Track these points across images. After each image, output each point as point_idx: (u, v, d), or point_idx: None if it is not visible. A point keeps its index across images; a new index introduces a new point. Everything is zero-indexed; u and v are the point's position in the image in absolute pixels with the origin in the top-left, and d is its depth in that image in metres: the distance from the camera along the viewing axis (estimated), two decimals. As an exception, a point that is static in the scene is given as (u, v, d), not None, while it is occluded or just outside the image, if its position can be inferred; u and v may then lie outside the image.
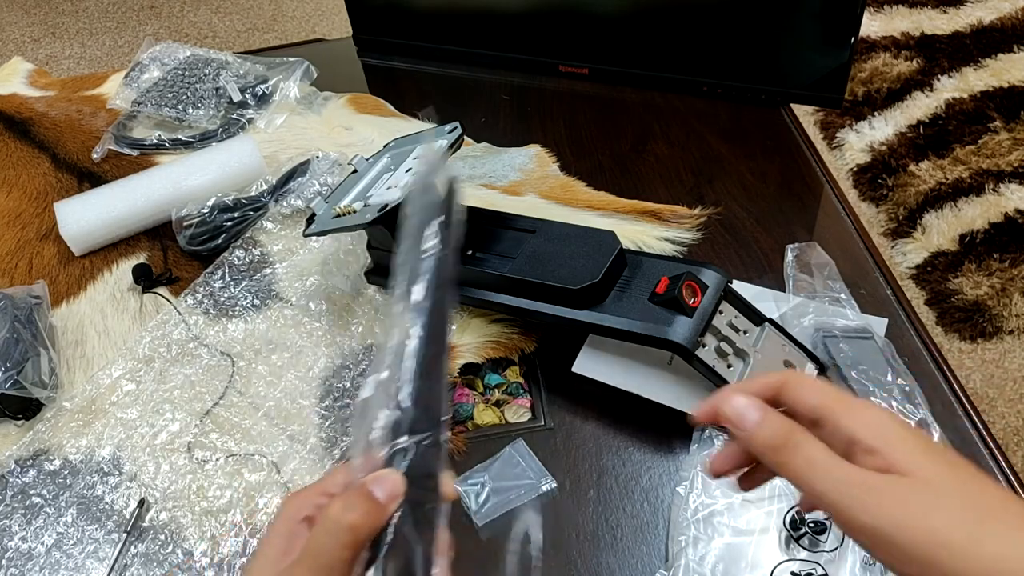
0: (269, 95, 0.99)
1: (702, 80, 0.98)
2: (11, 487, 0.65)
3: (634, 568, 0.58)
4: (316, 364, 0.71)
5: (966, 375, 1.46)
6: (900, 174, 1.76)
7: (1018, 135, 1.79)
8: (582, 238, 0.67)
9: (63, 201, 0.84)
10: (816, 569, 0.55)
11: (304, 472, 0.64)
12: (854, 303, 0.71)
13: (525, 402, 0.68)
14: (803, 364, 0.64)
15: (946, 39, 2.05)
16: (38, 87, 1.08)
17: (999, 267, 1.57)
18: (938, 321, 1.53)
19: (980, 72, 1.95)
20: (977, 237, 1.62)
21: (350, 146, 0.93)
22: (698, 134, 0.94)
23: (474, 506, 0.61)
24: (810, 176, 0.88)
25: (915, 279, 1.60)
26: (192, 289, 0.78)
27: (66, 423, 0.69)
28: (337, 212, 0.70)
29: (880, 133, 1.86)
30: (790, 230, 0.81)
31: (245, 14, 2.57)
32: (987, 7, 2.12)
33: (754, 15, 0.91)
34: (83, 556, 0.61)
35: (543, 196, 0.85)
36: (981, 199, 1.68)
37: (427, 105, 1.00)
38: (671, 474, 0.62)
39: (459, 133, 0.71)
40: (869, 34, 2.08)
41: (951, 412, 0.65)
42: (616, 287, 0.64)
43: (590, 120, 0.98)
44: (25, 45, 2.52)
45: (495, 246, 0.70)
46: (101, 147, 0.94)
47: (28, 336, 0.69)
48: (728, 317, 0.63)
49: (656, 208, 0.82)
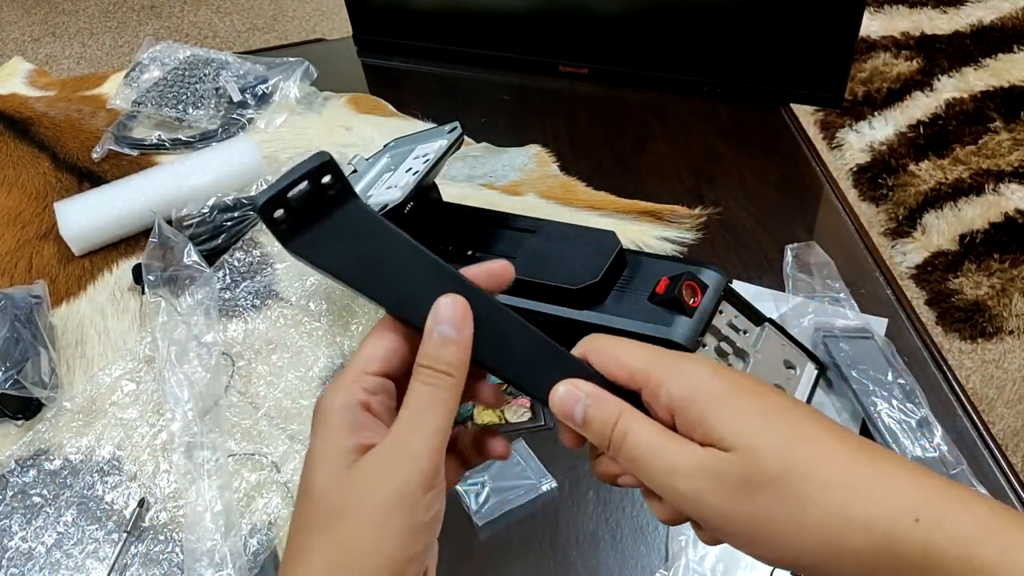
0: (269, 95, 0.99)
1: (702, 80, 0.98)
2: (11, 487, 0.65)
3: (634, 568, 0.58)
4: (316, 364, 0.71)
5: (966, 375, 1.46)
6: (900, 174, 1.77)
7: (1018, 135, 1.79)
8: (582, 238, 0.67)
9: (63, 201, 0.84)
10: (816, 569, 0.55)
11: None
12: (854, 303, 0.71)
13: (525, 402, 0.68)
14: (803, 364, 0.64)
15: (946, 39, 2.05)
16: (38, 87, 1.08)
17: (999, 267, 1.57)
18: (938, 321, 1.53)
19: (980, 72, 1.95)
20: (977, 237, 1.62)
21: (350, 146, 0.93)
22: (698, 134, 0.94)
23: (474, 506, 0.61)
24: (810, 176, 0.88)
25: (915, 279, 1.60)
26: (192, 289, 0.78)
27: (66, 423, 0.69)
28: (337, 212, 0.70)
29: (880, 133, 1.86)
30: (790, 230, 0.81)
31: (245, 14, 2.57)
32: (987, 7, 2.13)
33: (754, 15, 0.91)
34: (83, 556, 0.61)
35: (543, 196, 0.85)
36: (981, 199, 1.68)
37: (427, 105, 1.00)
38: (671, 474, 0.62)
39: (459, 133, 0.71)
40: (869, 34, 2.08)
41: (951, 412, 0.65)
42: (616, 287, 0.64)
43: (590, 120, 0.98)
44: (25, 45, 2.52)
45: (495, 246, 0.70)
46: (101, 147, 0.94)
47: (28, 336, 0.69)
48: (728, 317, 0.63)
49: (656, 208, 0.82)
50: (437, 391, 0.34)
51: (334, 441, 0.34)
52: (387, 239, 0.36)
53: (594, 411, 0.35)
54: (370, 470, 0.33)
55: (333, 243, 0.35)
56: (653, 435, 0.34)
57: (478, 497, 0.61)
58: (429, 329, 0.35)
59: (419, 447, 0.33)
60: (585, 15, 0.98)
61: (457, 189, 0.85)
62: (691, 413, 0.34)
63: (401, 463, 0.33)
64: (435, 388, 0.34)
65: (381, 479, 0.33)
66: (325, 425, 0.35)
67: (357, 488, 0.33)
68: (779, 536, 0.32)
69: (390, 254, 0.36)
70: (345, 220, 0.35)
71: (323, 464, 0.34)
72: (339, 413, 0.34)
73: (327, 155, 0.34)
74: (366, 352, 0.36)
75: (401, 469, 0.33)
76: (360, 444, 0.34)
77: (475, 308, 0.36)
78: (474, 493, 0.61)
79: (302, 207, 0.34)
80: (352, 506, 0.33)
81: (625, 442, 0.34)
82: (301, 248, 0.35)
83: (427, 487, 0.33)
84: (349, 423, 0.34)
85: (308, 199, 0.34)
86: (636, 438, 0.34)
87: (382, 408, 0.36)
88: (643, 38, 0.98)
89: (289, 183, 0.34)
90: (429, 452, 0.33)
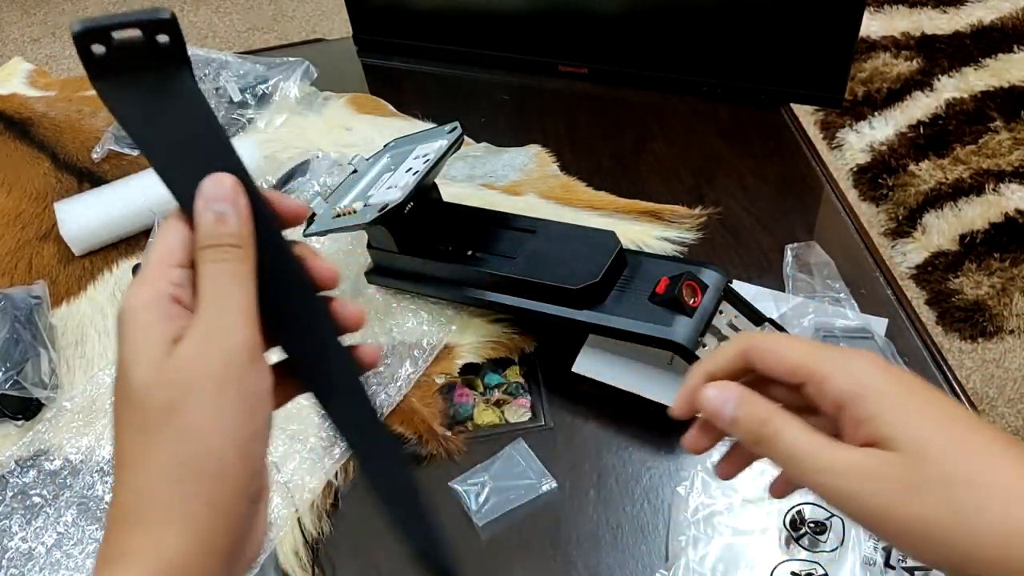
0: (269, 95, 0.99)
1: (702, 80, 0.98)
2: (11, 487, 0.65)
3: (634, 568, 0.58)
4: (316, 364, 0.71)
5: (966, 375, 1.46)
6: (900, 174, 1.76)
7: (1018, 135, 1.79)
8: (582, 238, 0.67)
9: (63, 201, 0.84)
10: (816, 569, 0.55)
11: (304, 472, 0.64)
12: (854, 303, 0.71)
13: (525, 402, 0.68)
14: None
15: (946, 39, 2.05)
16: (38, 87, 1.08)
17: (999, 267, 1.57)
18: (938, 321, 1.53)
19: (980, 72, 1.95)
20: (977, 237, 1.62)
21: (350, 146, 0.93)
22: (698, 134, 0.94)
23: (474, 506, 0.61)
24: (810, 176, 0.88)
25: (915, 279, 1.60)
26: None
27: (66, 423, 0.69)
28: (337, 212, 0.70)
29: (880, 133, 1.86)
30: (790, 230, 0.81)
31: (245, 14, 2.57)
32: (987, 7, 2.12)
33: (754, 15, 0.91)
34: (83, 556, 0.61)
35: (543, 196, 0.85)
36: (981, 199, 1.68)
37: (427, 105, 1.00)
38: (671, 474, 0.62)
39: (459, 133, 0.71)
40: (869, 34, 2.08)
41: (951, 412, 0.64)
42: (616, 287, 0.64)
43: (590, 120, 0.98)
44: (25, 45, 2.52)
45: (495, 246, 0.70)
46: (101, 147, 0.94)
47: (28, 336, 0.69)
48: (728, 317, 0.63)
49: (656, 208, 0.82)
50: (229, 265, 0.33)
51: (148, 336, 0.33)
52: (196, 119, 0.35)
53: (744, 410, 0.37)
54: (191, 352, 0.32)
55: (141, 99, 0.34)
56: (806, 435, 0.35)
57: (478, 497, 0.61)
58: (199, 211, 0.34)
59: (231, 320, 0.33)
60: (585, 15, 0.98)
61: (457, 189, 0.85)
62: (858, 410, 0.34)
63: (219, 338, 0.32)
64: (227, 263, 0.33)
65: (205, 358, 0.32)
66: (134, 324, 0.33)
67: (184, 373, 0.32)
68: (947, 541, 0.32)
69: (192, 135, 0.35)
70: (163, 83, 0.34)
71: (140, 361, 0.32)
72: (148, 308, 0.33)
73: (169, 13, 0.33)
74: (163, 244, 0.35)
75: (222, 344, 0.32)
76: (176, 336, 0.33)
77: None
78: (474, 493, 0.61)
79: (124, 52, 0.33)
80: (182, 393, 0.32)
81: (777, 440, 0.35)
82: (106, 90, 0.33)
83: (251, 356, 0.33)
84: (161, 316, 0.33)
85: (134, 47, 0.33)
86: (790, 437, 0.35)
87: (190, 299, 0.34)
88: (643, 38, 0.98)
89: (116, 23, 0.32)
90: (243, 323, 0.33)
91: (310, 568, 0.59)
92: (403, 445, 0.35)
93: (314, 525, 0.61)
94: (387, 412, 0.66)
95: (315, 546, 0.60)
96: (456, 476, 0.62)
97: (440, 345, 0.71)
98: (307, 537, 0.60)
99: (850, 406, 0.35)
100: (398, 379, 0.68)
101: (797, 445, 0.35)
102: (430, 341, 0.71)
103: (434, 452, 0.64)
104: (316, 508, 0.62)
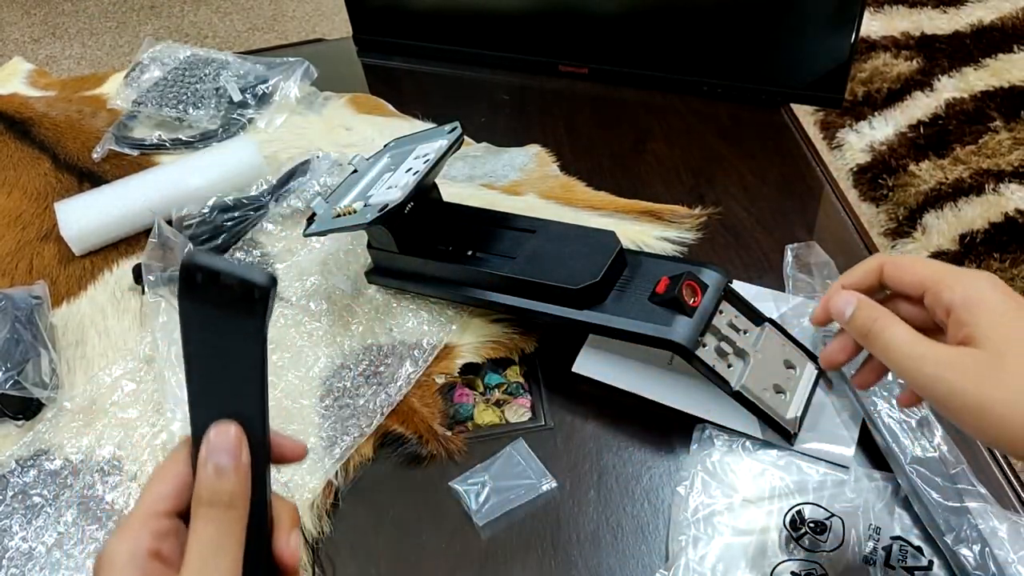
0: (269, 95, 0.99)
1: (702, 80, 0.98)
2: (11, 487, 0.65)
3: (634, 568, 0.58)
4: (316, 364, 0.71)
5: (966, 375, 1.46)
6: (900, 174, 1.76)
7: (1018, 135, 1.79)
8: (582, 238, 0.67)
9: (63, 201, 0.84)
10: (816, 569, 0.55)
11: (304, 472, 0.64)
12: (854, 303, 0.71)
13: (525, 402, 0.68)
14: (803, 364, 0.64)
15: (946, 39, 2.05)
16: (38, 87, 1.08)
17: (999, 267, 1.57)
18: (938, 321, 1.53)
19: (980, 72, 1.95)
20: (977, 237, 1.62)
21: (350, 146, 0.93)
22: (698, 134, 0.94)
23: (474, 506, 0.61)
24: (810, 176, 0.88)
25: (915, 279, 1.60)
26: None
27: (66, 423, 0.69)
28: (337, 212, 0.70)
29: (880, 133, 1.86)
30: (790, 230, 0.81)
31: (245, 14, 2.58)
32: (987, 7, 2.12)
33: (754, 15, 0.91)
34: (83, 556, 0.61)
35: (543, 196, 0.85)
36: (981, 199, 1.68)
37: (427, 105, 1.00)
38: (671, 474, 0.62)
39: (459, 133, 0.71)
40: (869, 34, 2.08)
41: (951, 412, 0.65)
42: (616, 287, 0.64)
43: (590, 120, 0.98)
44: (25, 45, 2.52)
45: (495, 246, 0.70)
46: (101, 147, 0.94)
47: (28, 336, 0.69)
48: (728, 317, 0.63)
49: (656, 208, 0.82)
50: (221, 527, 0.33)
51: None
52: (245, 357, 0.36)
53: (860, 311, 0.46)
54: None
55: (212, 327, 0.36)
56: (907, 332, 0.43)
57: (478, 497, 0.61)
58: (201, 461, 0.33)
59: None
60: (585, 15, 0.98)
61: (457, 189, 0.85)
62: (963, 314, 0.41)
63: None
64: (219, 525, 0.32)
65: None
66: None
67: None
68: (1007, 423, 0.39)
69: (235, 370, 0.36)
70: (237, 323, 0.36)
71: None
72: (125, 568, 0.32)
73: (270, 278, 0.35)
74: (155, 489, 0.34)
75: None
76: None
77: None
78: (474, 493, 0.61)
79: (220, 289, 0.35)
80: None
81: (883, 334, 0.44)
82: (186, 308, 0.36)
83: None
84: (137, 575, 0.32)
85: (226, 288, 0.35)
86: (893, 333, 0.44)
87: (173, 552, 0.33)
88: (643, 38, 0.98)
89: (226, 269, 0.34)
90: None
91: (310, 568, 0.59)
92: None
93: (314, 525, 0.61)
94: (387, 412, 0.66)
95: (315, 546, 0.60)
96: (456, 476, 0.62)
97: (440, 345, 0.71)
98: (307, 537, 0.60)
99: (958, 310, 0.42)
100: (398, 379, 0.68)
101: (898, 338, 0.43)
102: (430, 341, 0.71)
103: (434, 452, 0.64)
104: (316, 508, 0.62)
